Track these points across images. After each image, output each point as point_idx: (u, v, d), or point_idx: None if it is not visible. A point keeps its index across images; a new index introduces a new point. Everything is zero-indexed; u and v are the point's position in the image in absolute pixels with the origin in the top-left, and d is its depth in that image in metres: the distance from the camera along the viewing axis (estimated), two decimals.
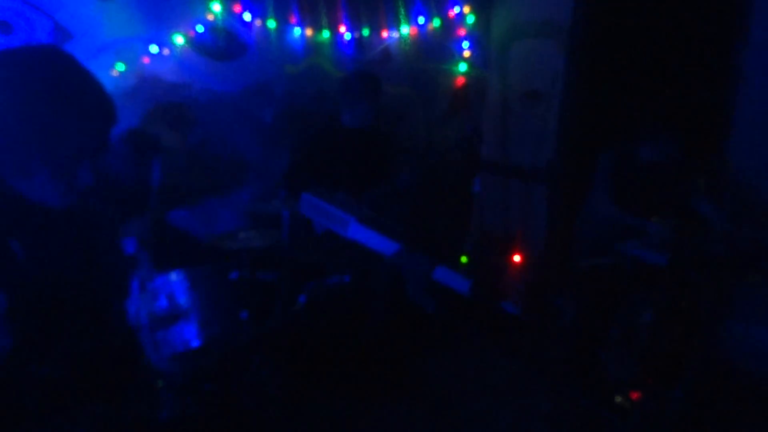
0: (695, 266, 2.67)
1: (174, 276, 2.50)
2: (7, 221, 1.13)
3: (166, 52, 3.16)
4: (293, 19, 3.52)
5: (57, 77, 1.11)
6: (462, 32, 3.95)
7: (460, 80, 4.12)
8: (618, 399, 2.84)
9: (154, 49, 3.10)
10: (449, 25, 3.94)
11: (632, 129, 3.02)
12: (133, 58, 3.07)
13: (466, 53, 4.01)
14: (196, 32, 3.23)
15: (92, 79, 1.18)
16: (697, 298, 2.68)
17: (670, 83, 3.21)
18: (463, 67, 4.05)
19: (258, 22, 3.43)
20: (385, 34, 3.82)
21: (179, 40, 3.17)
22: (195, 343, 2.49)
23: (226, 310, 2.62)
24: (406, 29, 3.83)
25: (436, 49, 4.00)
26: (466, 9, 3.87)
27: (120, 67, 3.01)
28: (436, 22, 3.87)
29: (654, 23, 3.27)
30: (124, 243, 2.13)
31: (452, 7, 3.86)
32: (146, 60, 3.12)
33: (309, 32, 3.60)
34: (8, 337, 1.10)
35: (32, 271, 1.15)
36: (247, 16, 3.36)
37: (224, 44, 3.37)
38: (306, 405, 2.77)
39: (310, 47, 3.68)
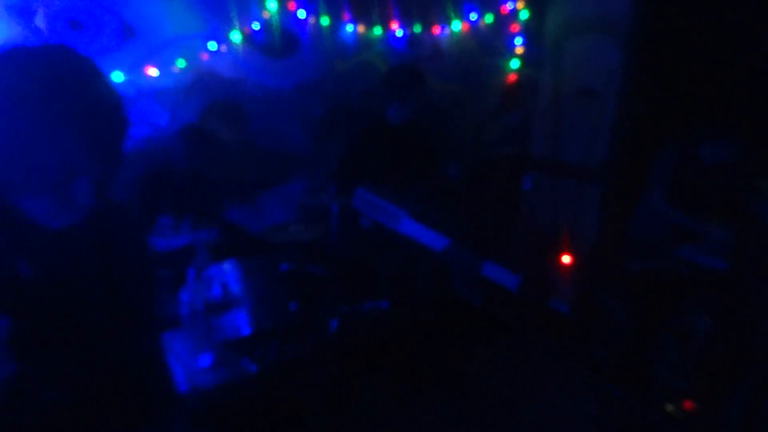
0: (756, 273, 2.56)
1: (228, 266, 2.60)
2: (11, 240, 1.02)
3: (223, 48, 3.26)
4: (346, 16, 3.57)
5: (59, 83, 0.98)
6: (515, 28, 3.90)
7: (512, 77, 4.07)
8: (669, 407, 2.75)
9: (212, 45, 3.21)
10: (502, 21, 3.89)
11: (692, 129, 2.91)
12: (193, 55, 3.18)
13: (519, 50, 3.96)
14: (252, 29, 3.32)
15: (104, 89, 1.04)
16: (758, 306, 2.56)
17: (733, 81, 3.07)
18: (515, 63, 3.99)
19: (312, 20, 3.49)
20: (436, 30, 3.81)
21: (236, 37, 3.27)
22: (246, 331, 2.58)
23: (275, 300, 2.70)
24: (457, 25, 3.81)
25: (488, 46, 3.96)
26: (520, 4, 3.82)
27: (181, 63, 3.13)
28: (488, 18, 3.83)
29: (718, 17, 3.13)
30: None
31: (505, 3, 3.81)
32: (205, 56, 3.22)
33: (361, 29, 3.63)
34: (12, 362, 1.02)
35: (41, 292, 1.04)
36: (301, 14, 3.42)
37: (279, 41, 3.45)
38: (350, 395, 2.81)
39: (362, 44, 3.71)
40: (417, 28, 3.74)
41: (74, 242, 1.11)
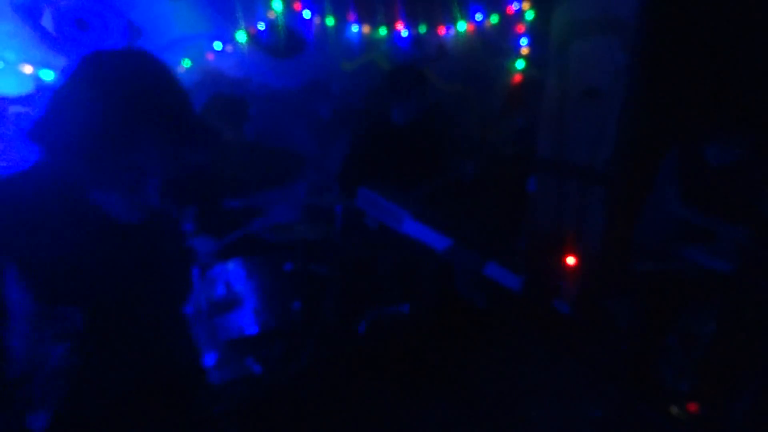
0: (764, 275, 2.55)
1: (232, 265, 2.60)
2: (86, 232, 1.08)
3: (229, 48, 3.27)
4: (351, 16, 3.57)
5: (142, 88, 1.05)
6: (520, 29, 3.89)
7: (517, 77, 4.06)
8: (674, 410, 2.74)
9: (218, 45, 3.22)
10: (507, 22, 3.88)
11: (699, 129, 2.89)
12: (198, 55, 3.19)
13: (524, 50, 3.95)
14: (258, 29, 3.33)
15: (181, 97, 1.10)
16: (765, 308, 2.55)
17: (740, 82, 3.05)
18: (520, 64, 3.98)
19: (317, 20, 3.50)
20: (441, 30, 3.81)
21: (242, 37, 3.28)
22: (249, 330, 2.58)
23: (279, 300, 2.71)
24: (463, 26, 3.80)
25: (493, 46, 3.96)
26: (525, 5, 3.81)
27: (186, 63, 3.15)
28: (493, 19, 3.83)
29: (725, 17, 3.12)
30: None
31: (511, 3, 3.81)
32: (211, 56, 3.24)
33: (366, 29, 3.64)
34: (80, 354, 1.08)
35: (106, 286, 1.11)
36: (306, 14, 3.43)
37: (284, 41, 3.45)
38: (351, 395, 2.81)
39: (367, 44, 3.71)
40: (422, 29, 3.74)
41: (137, 238, 1.18)
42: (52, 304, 1.03)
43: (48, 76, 2.83)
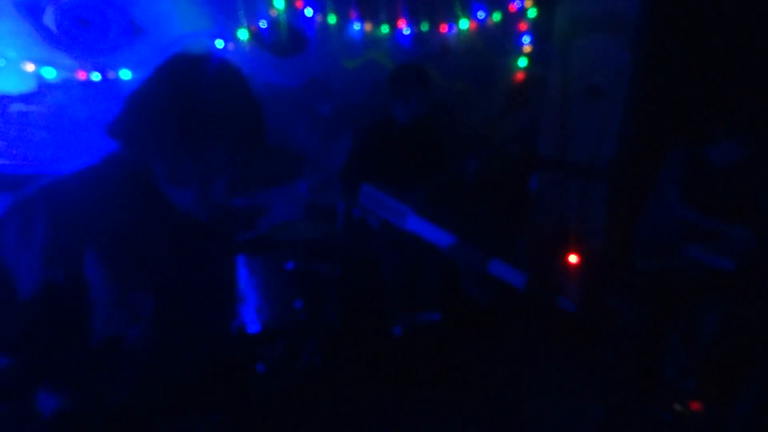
0: (766, 274, 2.54)
1: None
2: (159, 227, 1.15)
3: (230, 46, 3.26)
4: (353, 14, 3.56)
5: (218, 91, 1.09)
6: (523, 26, 3.88)
7: (520, 75, 4.05)
8: (676, 407, 2.74)
9: (219, 44, 3.21)
10: (510, 20, 3.87)
11: (701, 129, 2.88)
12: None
13: (527, 48, 3.94)
14: (260, 27, 3.32)
15: (251, 100, 1.15)
16: (767, 306, 2.54)
17: (743, 81, 3.04)
18: (523, 62, 3.98)
19: (319, 18, 3.49)
20: (444, 28, 3.80)
21: (243, 35, 3.27)
22: (251, 328, 2.58)
23: (281, 298, 2.71)
24: (465, 23, 3.80)
25: (495, 44, 3.95)
26: (528, 3, 3.80)
27: None
28: (496, 17, 3.82)
29: (727, 16, 3.11)
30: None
31: (513, 1, 3.80)
32: None
33: (368, 27, 3.63)
34: (152, 336, 1.14)
35: (172, 273, 1.17)
36: (308, 12, 3.42)
37: (286, 39, 3.45)
38: (353, 395, 2.81)
39: (369, 42, 3.70)
40: (424, 26, 3.73)
41: (202, 231, 1.24)
42: (125, 289, 1.09)
43: (50, 73, 2.83)
